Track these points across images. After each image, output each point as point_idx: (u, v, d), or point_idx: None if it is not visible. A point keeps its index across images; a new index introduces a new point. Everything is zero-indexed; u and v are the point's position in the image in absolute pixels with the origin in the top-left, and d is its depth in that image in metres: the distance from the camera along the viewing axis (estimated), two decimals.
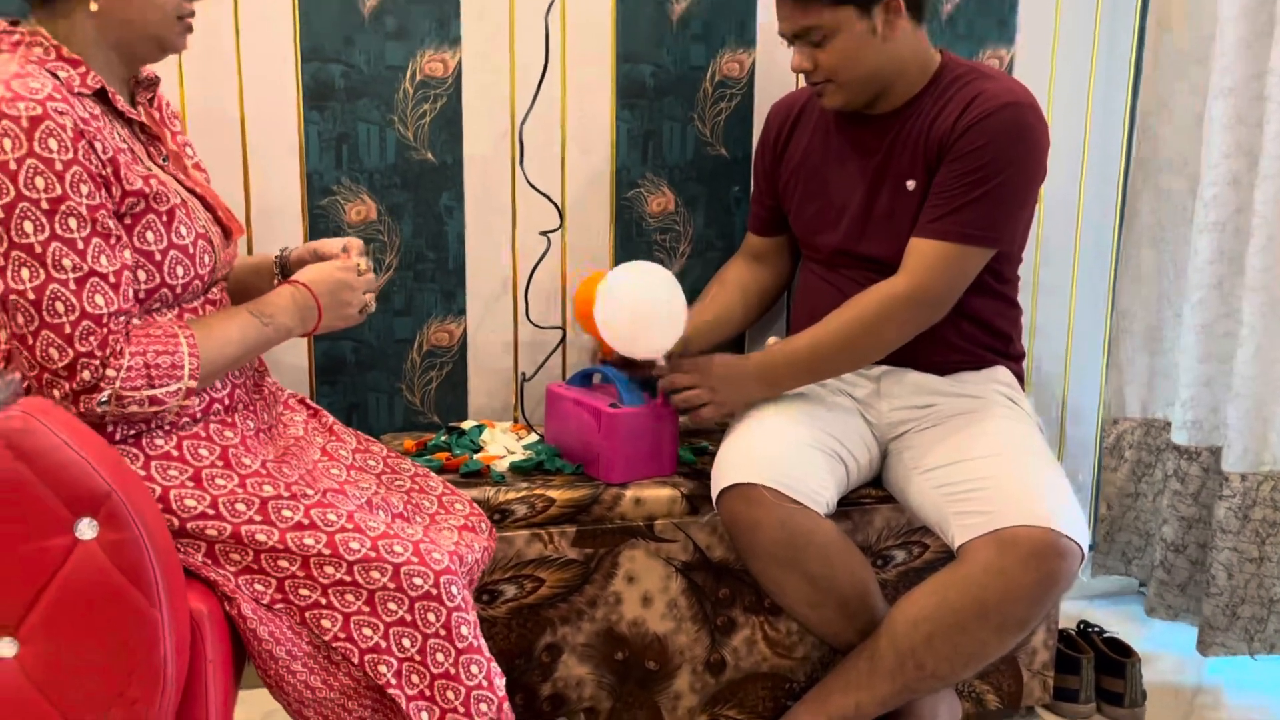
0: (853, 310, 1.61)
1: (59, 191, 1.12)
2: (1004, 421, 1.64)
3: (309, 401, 1.55)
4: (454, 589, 1.25)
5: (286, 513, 1.24)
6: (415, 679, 1.22)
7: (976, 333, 1.69)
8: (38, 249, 1.12)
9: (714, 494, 1.58)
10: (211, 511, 1.22)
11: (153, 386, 1.18)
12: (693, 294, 1.75)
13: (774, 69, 1.96)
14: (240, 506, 1.23)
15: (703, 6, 1.91)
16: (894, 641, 1.49)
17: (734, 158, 1.98)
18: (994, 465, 1.54)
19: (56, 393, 1.15)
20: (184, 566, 1.20)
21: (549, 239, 1.88)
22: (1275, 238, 1.81)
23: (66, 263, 1.13)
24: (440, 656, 1.23)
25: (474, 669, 1.24)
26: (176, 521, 1.21)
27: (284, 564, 1.22)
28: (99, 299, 1.14)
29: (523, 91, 1.85)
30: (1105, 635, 1.94)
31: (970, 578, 1.45)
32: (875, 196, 1.67)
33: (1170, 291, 2.05)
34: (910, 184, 1.63)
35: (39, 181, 1.11)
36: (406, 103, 1.81)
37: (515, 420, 1.95)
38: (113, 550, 1.06)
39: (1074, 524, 1.45)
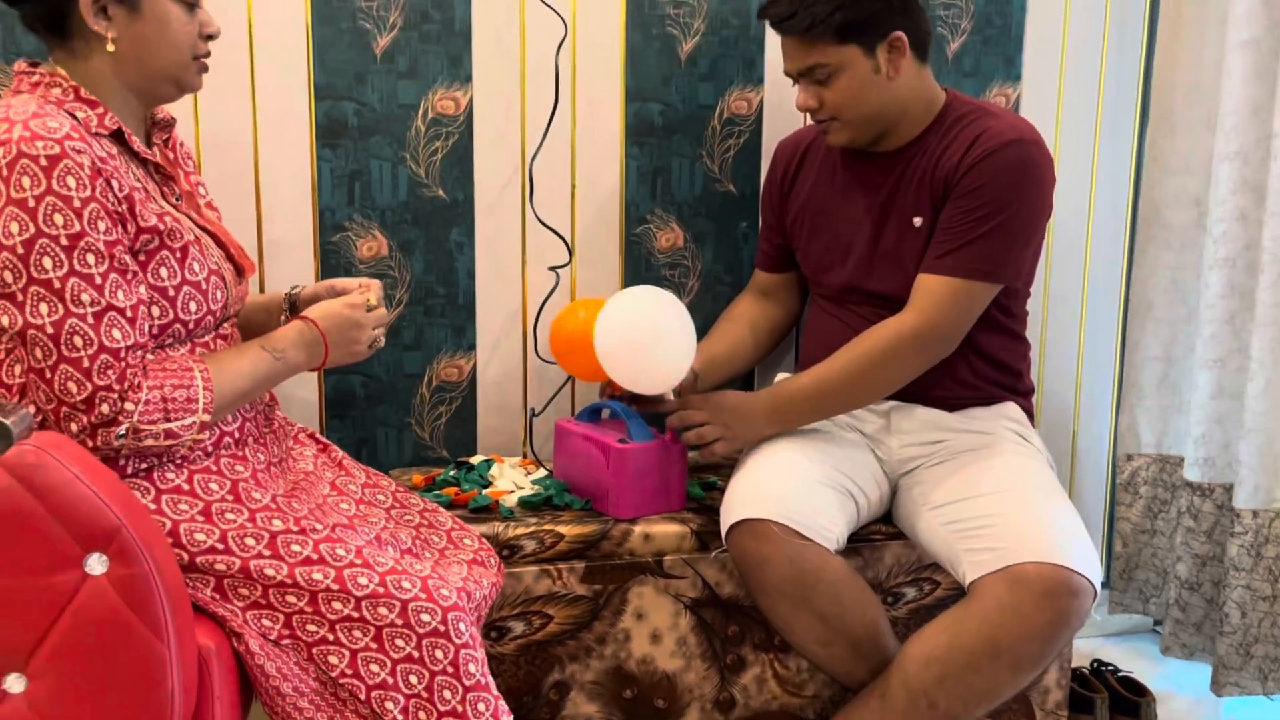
0: (860, 347, 1.61)
1: (77, 228, 1.13)
2: (1014, 458, 1.63)
3: (319, 436, 1.56)
4: (462, 625, 1.24)
5: (295, 547, 1.24)
6: (422, 716, 1.22)
7: (986, 368, 1.69)
8: (56, 284, 1.13)
9: (723, 529, 1.57)
10: (221, 546, 1.22)
11: (169, 420, 1.19)
12: (702, 329, 1.75)
13: (782, 107, 1.98)
14: (250, 541, 1.23)
15: (711, 46, 1.93)
16: (905, 681, 1.48)
17: (742, 194, 1.99)
18: (1004, 501, 1.53)
19: (74, 426, 1.15)
20: (192, 602, 1.20)
21: (558, 274, 1.89)
22: None
23: (85, 297, 1.14)
24: (447, 694, 1.22)
25: (481, 707, 1.23)
26: (186, 556, 1.21)
27: (292, 599, 1.22)
28: (116, 333, 1.15)
29: (533, 129, 1.87)
30: (1120, 674, 1.92)
31: (982, 616, 1.43)
32: (881, 233, 1.68)
33: (1182, 327, 2.04)
34: (917, 220, 1.64)
35: (58, 218, 1.12)
36: (418, 140, 1.83)
37: (524, 455, 1.95)
38: (122, 585, 1.06)
39: (1086, 561, 1.44)
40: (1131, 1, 2.13)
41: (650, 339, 1.62)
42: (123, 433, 1.16)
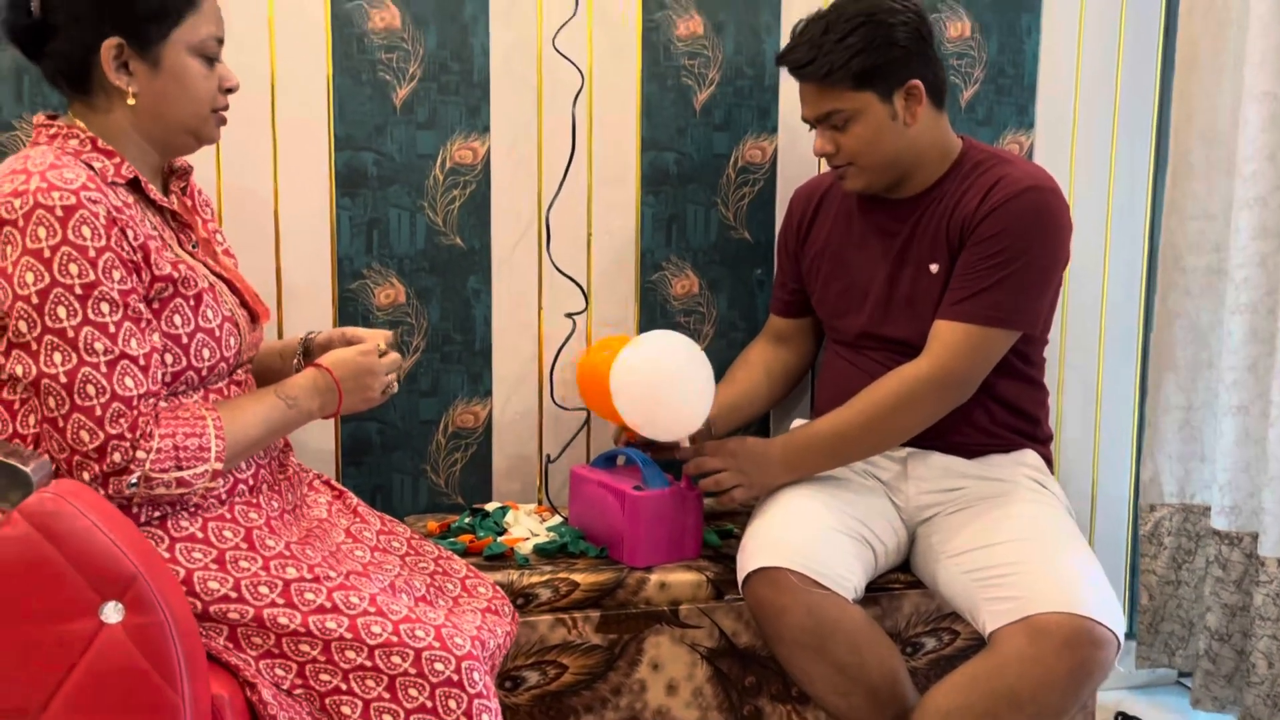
0: (876, 393, 1.61)
1: (92, 277, 1.15)
2: (1033, 505, 1.62)
3: (334, 483, 1.56)
4: (476, 675, 1.23)
5: (309, 595, 1.23)
6: None
7: (1004, 415, 1.68)
8: (70, 333, 1.14)
9: (739, 578, 1.56)
10: (234, 594, 1.22)
11: (180, 468, 1.19)
12: (717, 375, 1.75)
13: (796, 155, 1.99)
14: (263, 589, 1.23)
15: (725, 96, 1.95)
16: None
17: (757, 241, 2.00)
18: (1024, 550, 1.51)
19: (86, 475, 1.16)
20: (206, 651, 1.19)
21: (574, 321, 1.90)
22: None
23: (98, 346, 1.15)
24: None
25: None
26: (200, 604, 1.21)
27: (305, 648, 1.21)
28: (129, 381, 1.16)
29: (550, 178, 1.89)
30: None
31: (1003, 667, 1.41)
32: (898, 279, 1.68)
33: (1202, 373, 2.03)
34: (933, 267, 1.64)
35: (73, 268, 1.14)
36: (436, 189, 1.85)
37: (539, 502, 1.94)
38: (137, 634, 1.06)
39: (1109, 610, 1.42)
40: (1144, 48, 2.14)
41: (669, 385, 1.62)
42: (134, 481, 1.17)
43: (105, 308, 1.16)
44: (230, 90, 1.32)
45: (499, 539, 1.72)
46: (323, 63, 1.77)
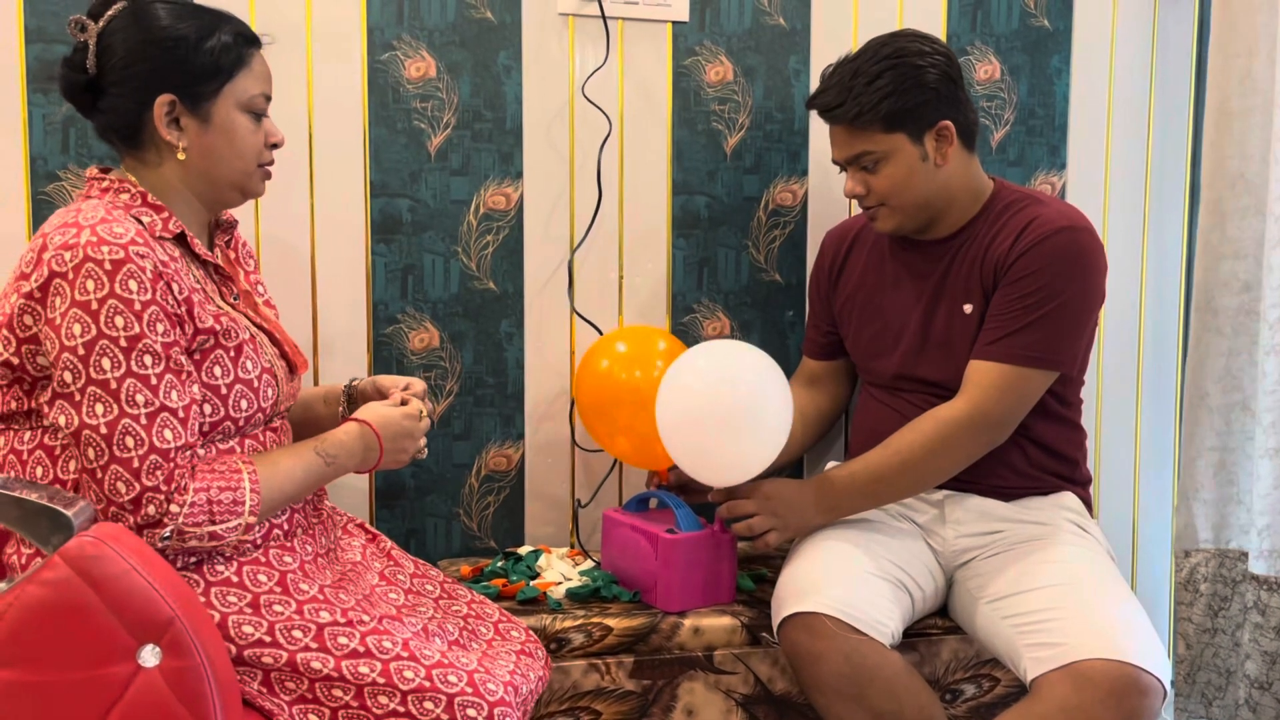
0: (912, 434, 1.59)
1: (136, 330, 1.17)
2: (1074, 549, 1.59)
3: (368, 526, 1.56)
4: None
5: (343, 639, 1.23)
6: None
7: (1041, 457, 1.66)
8: (113, 384, 1.16)
9: (774, 623, 1.54)
10: (269, 639, 1.22)
11: (214, 522, 1.20)
12: None
13: (827, 197, 2.00)
14: (297, 634, 1.23)
15: (755, 140, 1.96)
16: None
17: (788, 283, 2.00)
18: (1066, 594, 1.48)
19: (127, 524, 1.17)
20: (242, 695, 1.19)
21: None
22: None
23: (140, 398, 1.16)
24: None
25: None
26: (234, 649, 1.21)
27: (338, 693, 1.21)
28: (168, 433, 1.18)
29: (581, 223, 1.90)
30: None
31: (1047, 716, 1.38)
32: (931, 320, 1.67)
33: (1237, 415, 2.00)
34: (967, 308, 1.63)
35: (119, 320, 1.16)
36: (470, 235, 1.87)
37: (572, 546, 1.94)
38: (174, 679, 1.06)
39: (1154, 657, 1.39)
40: (1175, 86, 2.14)
41: (746, 419, 1.56)
42: (167, 534, 1.17)
43: (149, 360, 1.17)
44: (276, 146, 1.35)
45: (532, 583, 1.71)
46: (359, 111, 1.80)
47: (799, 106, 1.98)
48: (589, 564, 1.80)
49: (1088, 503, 1.71)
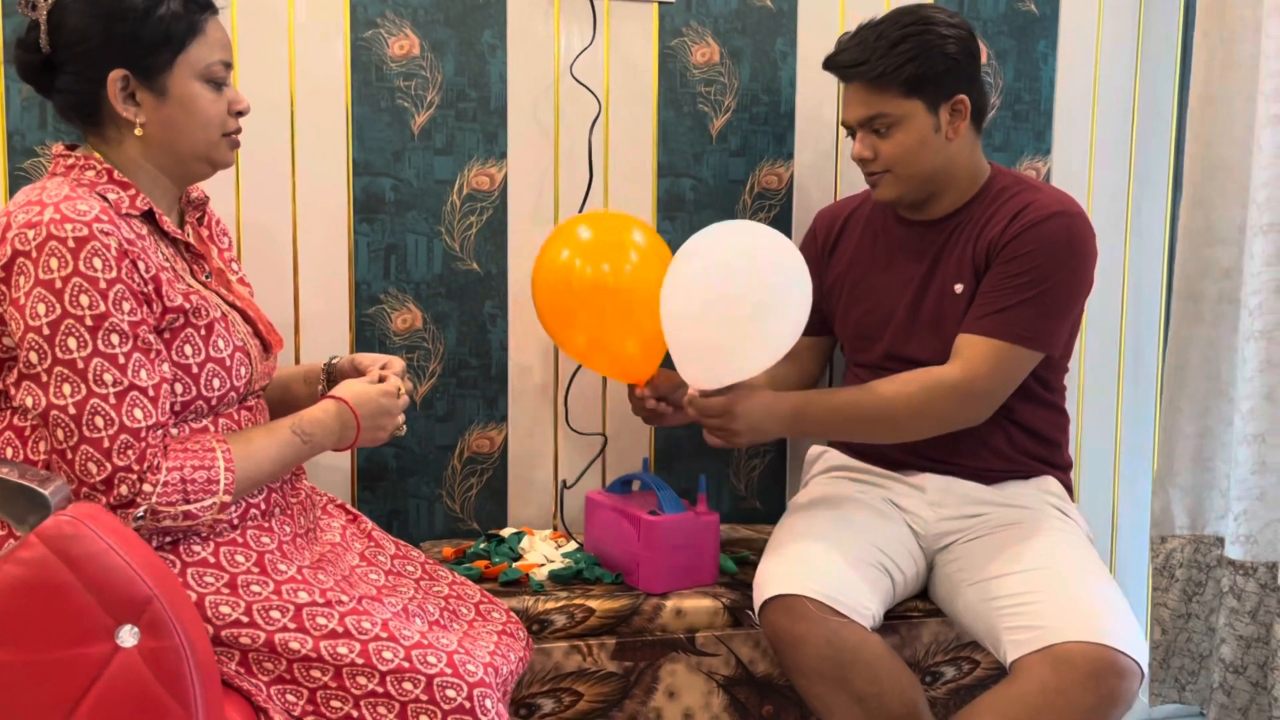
0: (899, 385, 1.59)
1: (102, 309, 1.15)
2: (1055, 533, 1.60)
3: (348, 507, 1.55)
4: (488, 702, 1.22)
5: (321, 620, 1.23)
6: None
7: (1024, 440, 1.66)
8: (80, 364, 1.14)
9: (756, 606, 1.54)
10: (246, 619, 1.21)
11: (188, 501, 1.19)
12: None
13: (813, 180, 2.00)
14: (275, 614, 1.22)
15: (742, 122, 1.96)
16: None
17: None
18: (1046, 578, 1.49)
19: (100, 503, 1.15)
20: (222, 675, 1.19)
21: None
22: None
23: (107, 378, 1.15)
24: None
25: None
26: (211, 629, 1.20)
27: (316, 674, 1.21)
28: (138, 413, 1.16)
29: (566, 204, 1.89)
30: None
31: (1026, 698, 1.39)
32: (922, 300, 1.67)
33: (1215, 402, 2.01)
34: (958, 287, 1.64)
35: (83, 299, 1.14)
36: (453, 215, 1.86)
37: (555, 528, 1.94)
38: (152, 659, 1.05)
39: (1132, 641, 1.40)
40: (1160, 74, 2.15)
41: (767, 317, 1.49)
42: (140, 514, 1.16)
43: (115, 339, 1.16)
44: (241, 113, 1.32)
45: (514, 565, 1.71)
46: (342, 89, 1.79)
47: (785, 89, 1.97)
48: (572, 546, 1.80)
49: (1069, 487, 1.72)
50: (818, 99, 1.98)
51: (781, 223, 1.99)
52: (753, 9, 1.94)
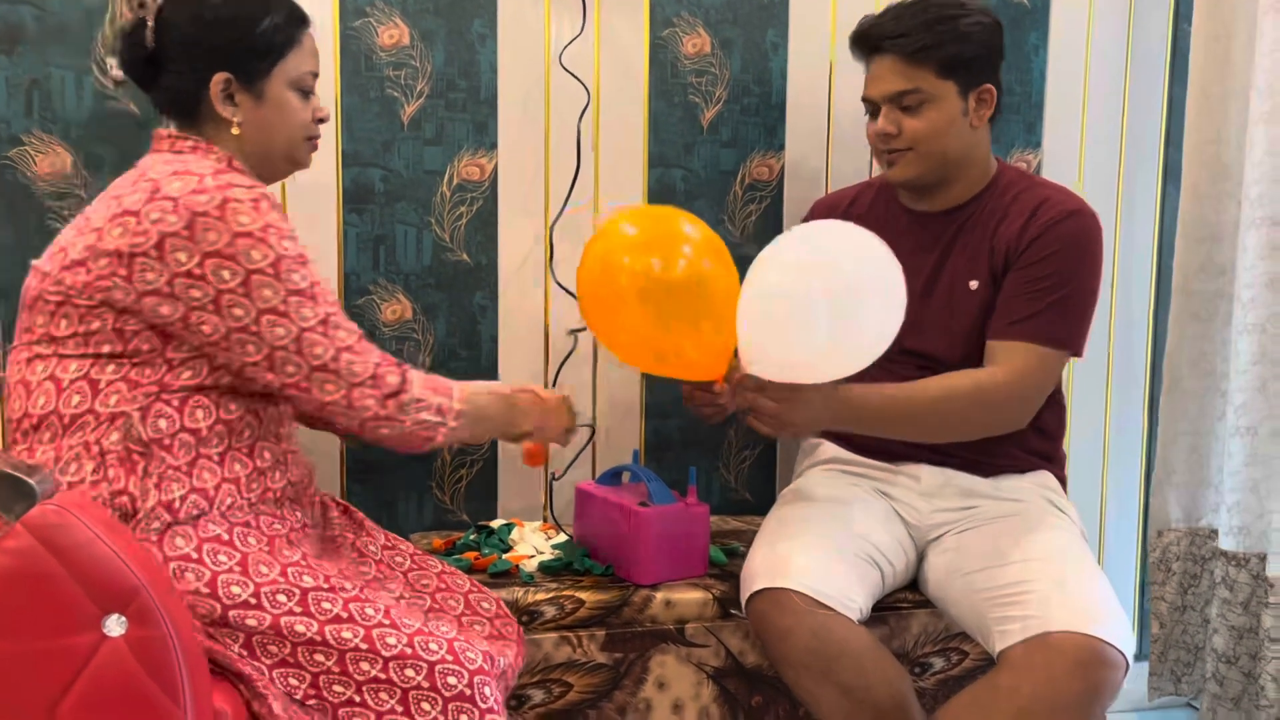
0: (950, 383, 1.57)
1: (298, 250, 1.25)
2: (1047, 527, 1.60)
3: (338, 499, 1.55)
4: (487, 690, 1.23)
5: (326, 604, 1.24)
6: None
7: (1025, 434, 1.65)
8: (308, 290, 1.25)
9: (743, 599, 1.54)
10: (254, 600, 1.22)
11: (436, 394, 1.31)
12: None
13: (803, 172, 1.99)
14: (281, 597, 1.23)
15: (732, 113, 1.95)
16: None
17: None
18: (1035, 569, 1.50)
19: (369, 401, 1.26)
20: (219, 659, 1.19)
21: (576, 338, 1.89)
22: None
23: (330, 296, 1.28)
24: None
25: None
26: (219, 608, 1.20)
27: (320, 658, 1.21)
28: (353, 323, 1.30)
29: (556, 195, 1.89)
30: None
31: (1013, 687, 1.39)
32: (931, 293, 1.67)
33: (1211, 398, 2.02)
34: (973, 284, 1.64)
35: (286, 243, 1.23)
36: (443, 205, 1.85)
37: (545, 520, 1.93)
38: (139, 648, 1.05)
39: (1119, 632, 1.41)
40: (1150, 68, 2.15)
41: (866, 319, 1.43)
42: (407, 401, 1.27)
43: (315, 269, 1.27)
44: (322, 120, 1.41)
45: (504, 556, 1.71)
46: (331, 79, 1.78)
47: (776, 80, 1.97)
48: (562, 537, 1.80)
49: (1063, 481, 1.73)
50: (809, 91, 1.98)
51: (772, 215, 1.99)
52: (744, 0, 1.94)
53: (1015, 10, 2.06)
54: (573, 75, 1.85)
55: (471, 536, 1.79)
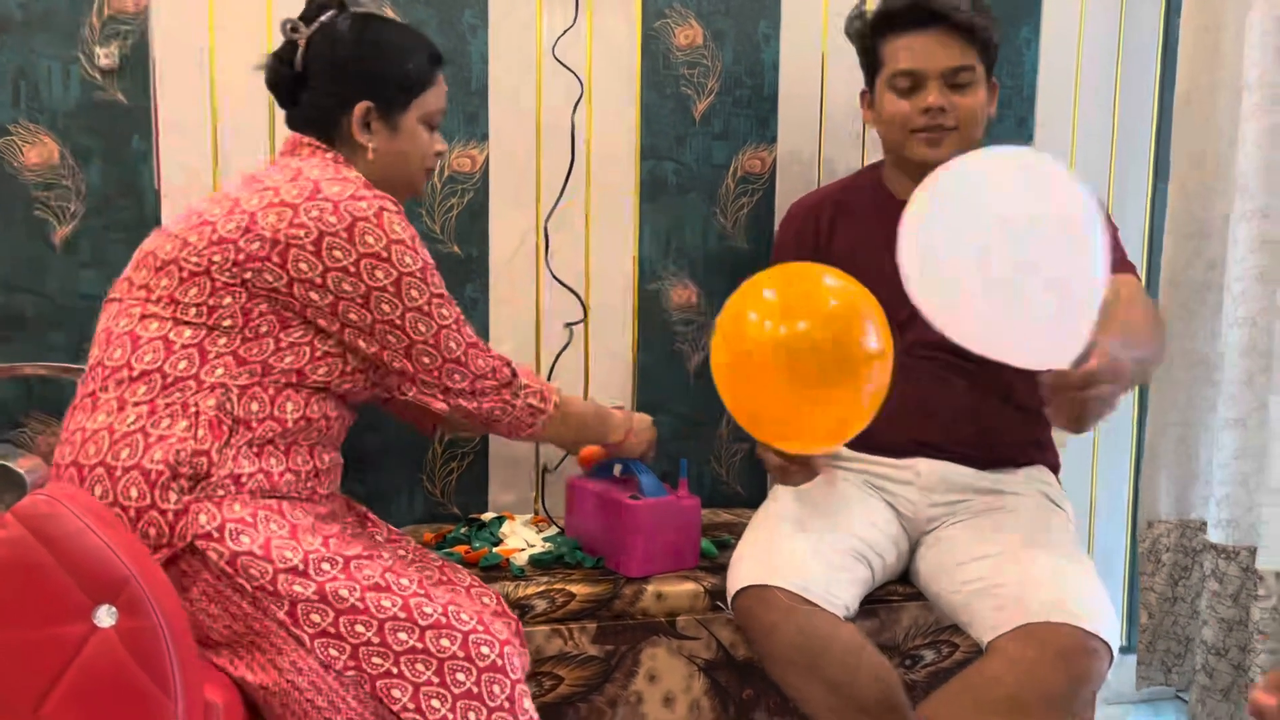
0: (1130, 291, 1.52)
1: (432, 261, 1.37)
2: (1039, 520, 1.60)
3: (338, 493, 1.55)
4: (515, 660, 1.27)
5: (367, 571, 1.27)
6: None
7: (1023, 424, 1.65)
8: (443, 295, 1.37)
9: (729, 594, 1.54)
10: (302, 566, 1.24)
11: (539, 383, 1.46)
12: None
13: (795, 165, 1.99)
14: (325, 565, 1.26)
15: (725, 106, 1.95)
16: None
17: (755, 251, 2.00)
18: (1024, 560, 1.50)
19: (494, 396, 1.41)
20: (259, 627, 1.22)
21: (571, 331, 1.89)
22: None
23: (458, 307, 1.39)
24: None
25: None
26: (271, 570, 1.22)
27: (360, 629, 1.23)
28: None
29: (548, 187, 1.89)
30: None
31: (1000, 677, 1.40)
32: None
33: (1199, 390, 2.02)
34: None
35: (424, 251, 1.35)
36: (434, 197, 1.85)
37: (536, 513, 1.93)
38: (130, 639, 1.05)
39: (1105, 623, 1.41)
40: (1142, 62, 2.15)
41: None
42: (518, 387, 1.43)
43: (439, 279, 1.38)
44: (439, 154, 1.49)
45: (495, 549, 1.70)
46: None
47: (769, 72, 1.96)
48: (553, 530, 1.80)
49: (1056, 473, 1.73)
50: (801, 82, 1.98)
51: (764, 208, 1.99)
52: None
53: (1007, 4, 2.06)
54: (565, 66, 1.85)
55: (462, 530, 1.79)
